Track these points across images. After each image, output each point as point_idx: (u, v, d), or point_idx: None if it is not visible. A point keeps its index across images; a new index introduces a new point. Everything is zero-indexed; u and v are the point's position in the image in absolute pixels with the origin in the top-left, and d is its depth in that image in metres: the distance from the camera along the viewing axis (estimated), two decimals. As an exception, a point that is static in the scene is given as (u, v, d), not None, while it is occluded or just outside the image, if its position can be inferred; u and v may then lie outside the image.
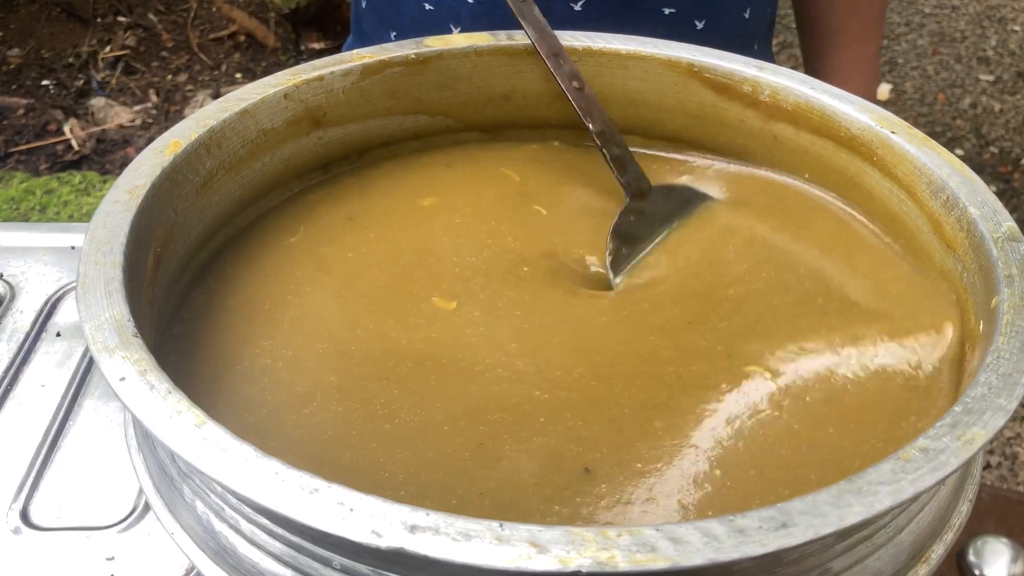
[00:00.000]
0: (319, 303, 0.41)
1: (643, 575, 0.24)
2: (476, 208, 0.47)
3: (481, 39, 0.49)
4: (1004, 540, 0.48)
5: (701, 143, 0.50)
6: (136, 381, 0.29)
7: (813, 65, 0.80)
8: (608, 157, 0.46)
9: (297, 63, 0.47)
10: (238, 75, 2.16)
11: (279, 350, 0.38)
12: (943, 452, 0.27)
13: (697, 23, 0.67)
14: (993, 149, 2.05)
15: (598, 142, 0.46)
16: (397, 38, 0.70)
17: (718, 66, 0.47)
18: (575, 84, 0.47)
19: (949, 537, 0.32)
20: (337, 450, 0.34)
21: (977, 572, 0.48)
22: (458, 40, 0.48)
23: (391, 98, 0.48)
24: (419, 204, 0.47)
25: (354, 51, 0.47)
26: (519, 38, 0.49)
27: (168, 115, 2.02)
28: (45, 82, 2.10)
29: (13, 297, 0.52)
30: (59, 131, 1.96)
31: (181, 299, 0.40)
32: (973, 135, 2.09)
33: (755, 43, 0.73)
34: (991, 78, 2.27)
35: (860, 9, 0.76)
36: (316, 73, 0.46)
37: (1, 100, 2.04)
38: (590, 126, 0.46)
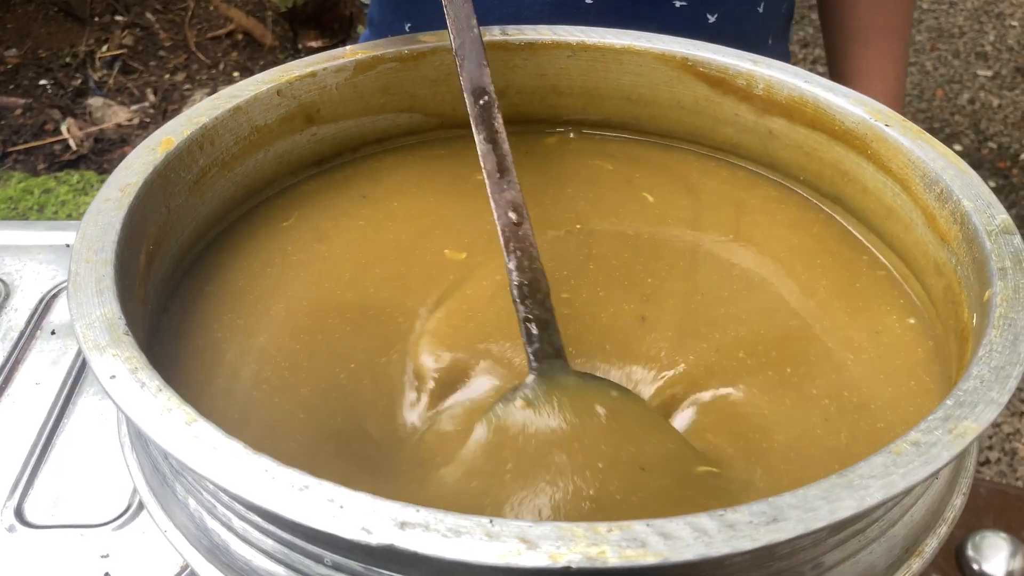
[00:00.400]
0: (299, 270, 0.42)
1: (633, 570, 0.24)
2: (552, 183, 0.47)
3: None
4: (1003, 535, 0.48)
5: (695, 138, 0.50)
6: (126, 379, 0.29)
7: (837, 65, 0.78)
8: (520, 316, 0.36)
9: (295, 62, 0.47)
10: (236, 74, 2.16)
11: (235, 321, 0.39)
12: (934, 445, 0.27)
13: (709, 16, 0.66)
14: (992, 144, 2.05)
15: (515, 293, 0.36)
16: (412, 30, 0.70)
17: (712, 60, 0.47)
18: (513, 217, 0.38)
19: (943, 530, 0.32)
20: (252, 432, 0.34)
21: (976, 567, 0.48)
22: (452, 36, 0.48)
23: (385, 94, 0.48)
24: (474, 179, 0.47)
25: (347, 47, 0.47)
26: (512, 34, 0.49)
27: (166, 114, 2.02)
28: (43, 82, 2.10)
29: (8, 295, 0.52)
30: (57, 131, 1.96)
31: (171, 295, 0.40)
32: (972, 131, 2.09)
33: (770, 37, 0.72)
34: (989, 73, 2.27)
35: (887, 5, 0.74)
36: (309, 69, 0.45)
37: (-1, 100, 2.04)
38: (510, 266, 0.37)
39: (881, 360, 0.38)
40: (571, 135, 0.52)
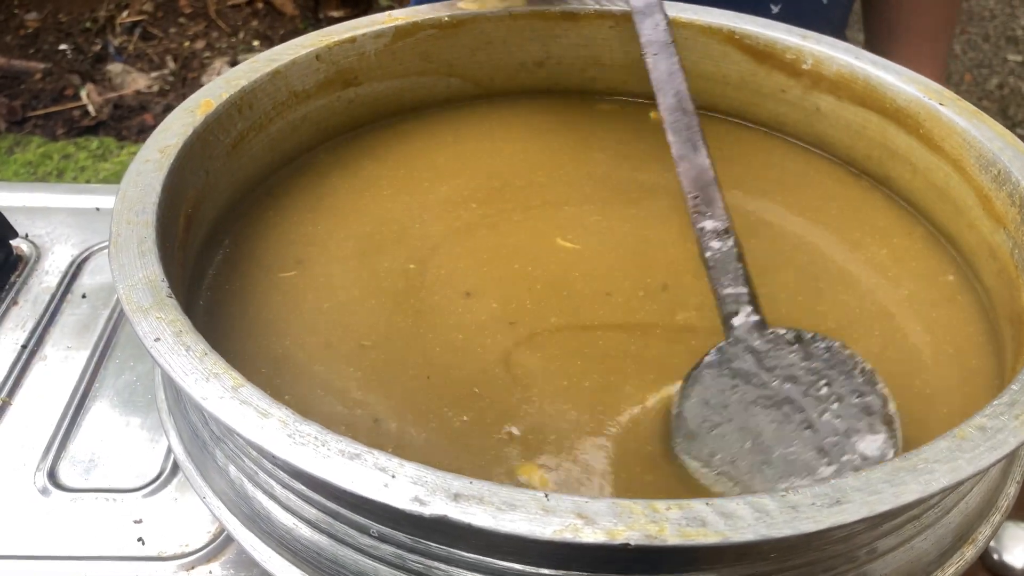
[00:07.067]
0: (336, 233, 0.42)
1: (692, 549, 0.23)
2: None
3: (516, 1, 0.48)
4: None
5: (739, 113, 0.49)
6: (171, 343, 0.28)
7: None
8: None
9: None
10: (256, 42, 2.15)
11: (275, 284, 0.39)
12: (1001, 431, 0.26)
13: (773, 7, 0.67)
14: (1020, 131, 2.02)
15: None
16: None
17: (760, 34, 0.46)
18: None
19: (997, 519, 0.31)
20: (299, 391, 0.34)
21: (996, 557, 0.47)
22: (493, 3, 0.47)
23: (423, 61, 0.47)
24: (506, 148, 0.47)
25: (386, 13, 0.46)
26: (554, 2, 0.48)
27: (185, 82, 2.01)
28: (62, 46, 2.09)
29: (38, 258, 0.52)
30: (76, 96, 1.95)
31: (210, 261, 0.40)
32: (1000, 116, 2.06)
33: (829, 32, 0.72)
34: (1020, 59, 2.24)
35: (932, 8, 0.73)
36: (348, 34, 0.45)
37: (19, 64, 2.04)
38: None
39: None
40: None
